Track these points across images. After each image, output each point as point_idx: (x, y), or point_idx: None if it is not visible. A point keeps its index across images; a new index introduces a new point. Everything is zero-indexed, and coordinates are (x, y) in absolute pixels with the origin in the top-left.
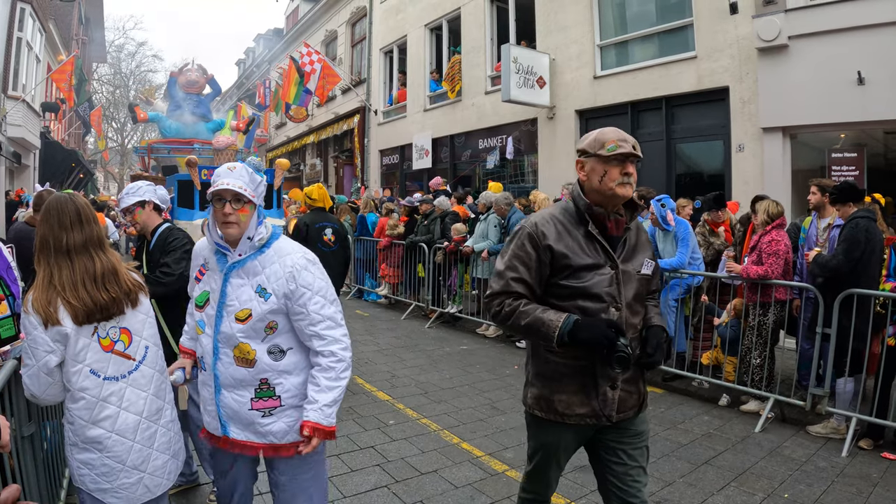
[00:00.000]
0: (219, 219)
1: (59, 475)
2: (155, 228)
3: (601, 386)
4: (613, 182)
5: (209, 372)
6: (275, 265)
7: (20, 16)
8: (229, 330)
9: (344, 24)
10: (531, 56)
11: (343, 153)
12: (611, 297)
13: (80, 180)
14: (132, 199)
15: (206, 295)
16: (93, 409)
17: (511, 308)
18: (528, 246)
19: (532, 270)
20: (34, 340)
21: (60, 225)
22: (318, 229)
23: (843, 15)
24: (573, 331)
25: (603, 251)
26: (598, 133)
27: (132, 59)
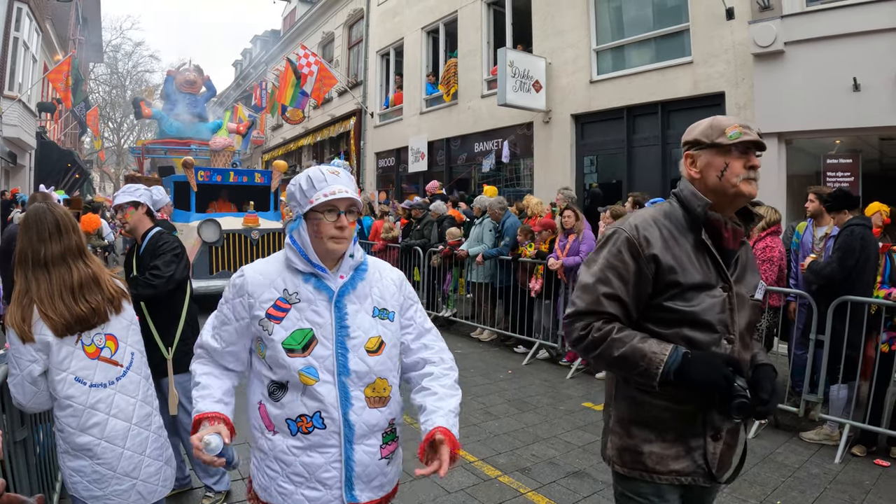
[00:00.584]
0: (327, 233)
1: (51, 479)
2: (145, 232)
3: (703, 436)
4: (737, 177)
5: (335, 427)
6: (383, 281)
7: (17, 15)
8: (362, 366)
9: (341, 27)
10: (527, 60)
11: (339, 155)
12: (723, 325)
13: (75, 180)
14: (127, 197)
15: (306, 334)
16: (80, 416)
17: (601, 334)
18: (626, 254)
19: (630, 286)
20: (17, 351)
21: (39, 237)
22: None
23: (839, 21)
24: (682, 368)
25: (715, 267)
26: (712, 120)
27: (129, 59)
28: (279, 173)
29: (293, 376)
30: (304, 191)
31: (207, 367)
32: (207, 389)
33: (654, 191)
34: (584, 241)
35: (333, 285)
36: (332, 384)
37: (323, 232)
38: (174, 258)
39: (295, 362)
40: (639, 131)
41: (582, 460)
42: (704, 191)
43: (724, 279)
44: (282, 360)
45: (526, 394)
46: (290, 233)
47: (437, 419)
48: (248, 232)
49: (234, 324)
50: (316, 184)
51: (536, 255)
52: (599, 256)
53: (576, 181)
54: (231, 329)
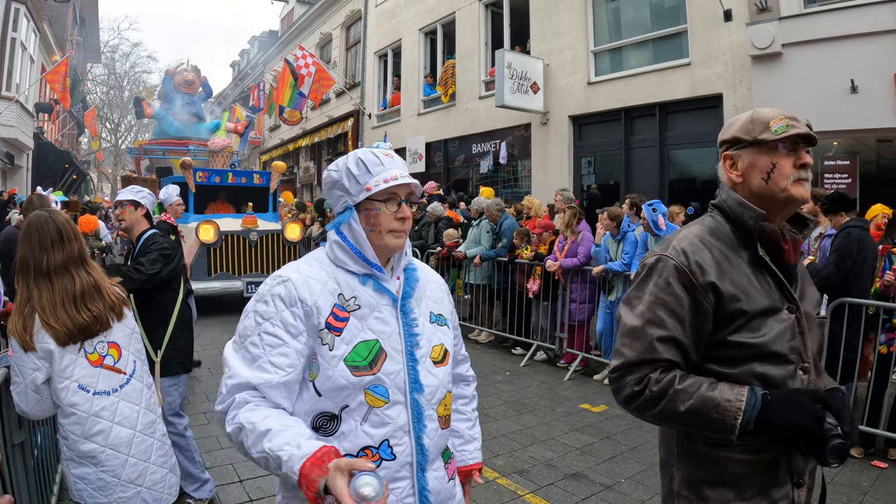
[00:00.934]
0: (387, 226)
1: (49, 482)
2: (141, 234)
3: (787, 484)
4: (786, 179)
5: (407, 455)
6: (430, 283)
7: (14, 16)
8: (432, 380)
9: (339, 28)
10: (525, 61)
11: (337, 156)
12: (796, 354)
13: (73, 181)
14: (129, 196)
15: (372, 346)
16: (84, 423)
17: (661, 387)
18: (676, 286)
19: (686, 324)
20: (20, 359)
21: (41, 246)
22: None
23: (837, 23)
24: (764, 414)
25: (777, 287)
26: (753, 113)
27: (126, 60)
28: (278, 174)
29: (355, 400)
30: (355, 176)
31: (262, 411)
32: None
33: (652, 192)
34: (582, 243)
35: (393, 287)
36: (404, 404)
37: (382, 224)
38: (161, 257)
39: (361, 381)
40: (636, 133)
41: (580, 462)
42: (749, 197)
43: (789, 299)
44: (343, 382)
45: (524, 395)
46: (336, 228)
47: (475, 453)
48: (246, 233)
49: (291, 343)
50: (371, 167)
51: (535, 256)
52: (644, 292)
53: (573, 182)
54: (286, 352)
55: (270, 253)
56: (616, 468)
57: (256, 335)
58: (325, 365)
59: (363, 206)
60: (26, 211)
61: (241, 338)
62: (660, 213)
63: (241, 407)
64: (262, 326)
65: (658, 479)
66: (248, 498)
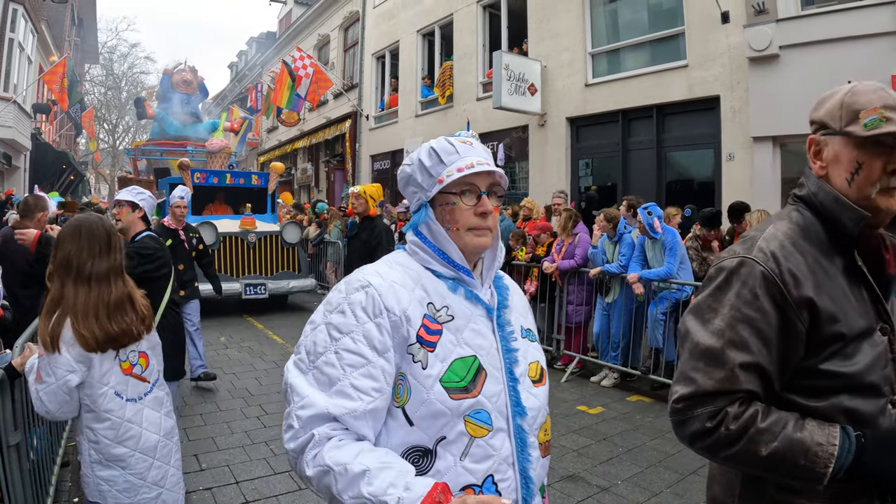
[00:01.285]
0: (465, 222)
1: (45, 484)
2: (135, 235)
3: None
4: (872, 186)
5: (512, 491)
6: (516, 295)
7: (12, 16)
8: (534, 402)
9: (336, 29)
10: (523, 63)
11: (334, 158)
12: (889, 385)
13: (70, 182)
14: (128, 196)
15: (470, 364)
16: (118, 429)
17: (740, 424)
18: (765, 300)
19: (772, 348)
20: (53, 360)
21: (90, 251)
22: None
23: (835, 25)
24: (858, 459)
25: (872, 302)
26: (847, 94)
27: (124, 61)
28: (276, 175)
29: (454, 430)
30: (427, 168)
31: (350, 447)
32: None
33: (649, 194)
34: (579, 245)
35: (485, 296)
36: (507, 432)
37: (459, 221)
38: (134, 255)
39: (460, 406)
40: (634, 135)
41: (576, 464)
42: None
43: (884, 318)
44: (440, 407)
45: None
46: (416, 228)
47: None
48: (244, 235)
49: (377, 361)
50: (444, 157)
51: (532, 258)
52: (722, 303)
53: (571, 184)
54: (371, 372)
55: (269, 254)
56: (613, 470)
57: (332, 353)
58: (417, 387)
59: (437, 200)
60: (23, 211)
61: (311, 356)
62: (655, 217)
63: (323, 444)
64: (339, 342)
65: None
66: (244, 499)
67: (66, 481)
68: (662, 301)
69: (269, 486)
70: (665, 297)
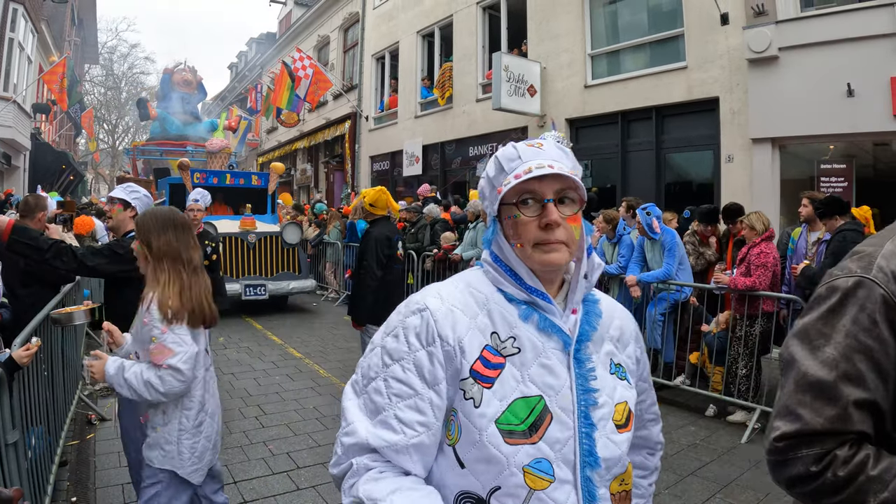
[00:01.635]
0: (529, 237)
1: (43, 482)
2: (125, 234)
3: None
4: None
5: None
6: (616, 320)
7: (12, 16)
8: (612, 451)
9: (336, 30)
10: (522, 64)
11: (334, 159)
12: None
13: (70, 182)
14: (121, 194)
15: (534, 405)
16: (204, 394)
17: (849, 472)
18: (884, 327)
19: (890, 382)
20: (180, 330)
21: (186, 244)
22: (395, 243)
23: (834, 27)
24: None
25: None
26: None
27: (124, 61)
28: (276, 175)
29: (510, 481)
30: (491, 179)
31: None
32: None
33: (648, 196)
34: None
35: (565, 325)
36: (572, 484)
37: (522, 235)
38: (110, 254)
39: (517, 454)
40: (633, 136)
41: None
42: None
43: None
44: (494, 452)
45: None
46: (488, 246)
47: None
48: (244, 235)
49: (426, 394)
50: (506, 164)
51: None
52: (835, 329)
53: None
54: (418, 405)
55: (269, 255)
56: None
57: (381, 380)
58: (469, 427)
59: (502, 213)
60: (24, 211)
61: (364, 379)
62: (654, 217)
63: (361, 475)
64: (389, 369)
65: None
66: (242, 499)
67: (64, 480)
68: (661, 302)
69: (267, 486)
70: (664, 298)
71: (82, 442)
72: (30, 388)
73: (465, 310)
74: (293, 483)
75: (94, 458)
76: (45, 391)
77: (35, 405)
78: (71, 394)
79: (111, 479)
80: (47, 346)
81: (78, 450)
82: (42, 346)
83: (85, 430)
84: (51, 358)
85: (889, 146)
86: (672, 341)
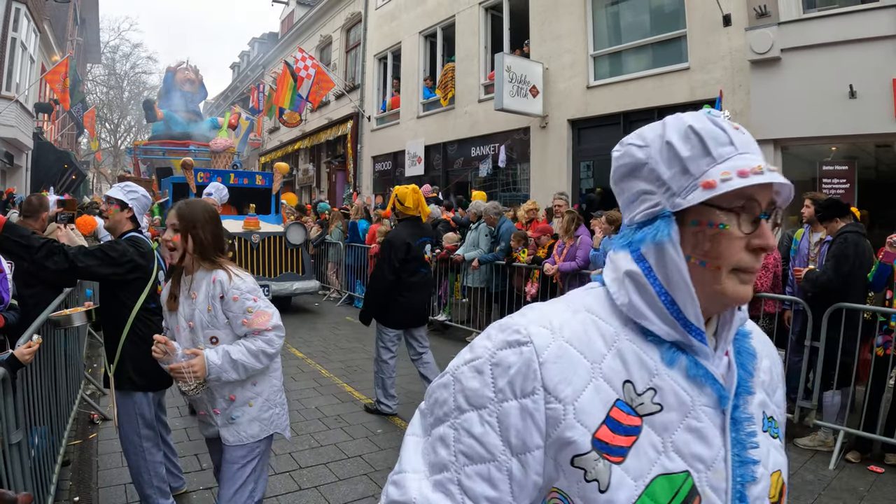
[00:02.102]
0: (732, 260)
1: (46, 482)
2: (121, 235)
3: None
4: None
5: None
6: (765, 359)
7: (15, 16)
8: None
9: (339, 30)
10: (524, 65)
11: (336, 158)
12: None
13: (72, 182)
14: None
15: (680, 485)
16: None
17: None
18: None
19: None
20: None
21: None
22: (420, 246)
23: (836, 29)
24: None
25: None
26: None
27: (127, 61)
28: (280, 175)
29: None
30: (681, 158)
31: None
32: None
33: None
34: (580, 247)
35: (718, 371)
36: None
37: (724, 255)
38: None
39: None
40: None
41: None
42: None
43: None
44: None
45: None
46: (634, 249)
47: None
48: (248, 235)
49: (505, 462)
50: (713, 146)
51: (532, 259)
52: None
53: (572, 186)
54: (492, 475)
55: (272, 255)
56: None
57: (451, 427)
58: None
59: (690, 215)
60: (27, 211)
61: (431, 416)
62: None
63: None
64: (463, 416)
65: None
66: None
67: (67, 480)
68: None
69: (270, 486)
70: None
71: (85, 441)
72: (33, 388)
73: (587, 349)
74: (295, 483)
75: (96, 457)
76: (48, 391)
77: (38, 405)
78: (73, 393)
79: (114, 479)
80: (50, 346)
81: (80, 449)
82: (44, 346)
83: (87, 429)
84: (53, 358)
85: (891, 148)
86: None
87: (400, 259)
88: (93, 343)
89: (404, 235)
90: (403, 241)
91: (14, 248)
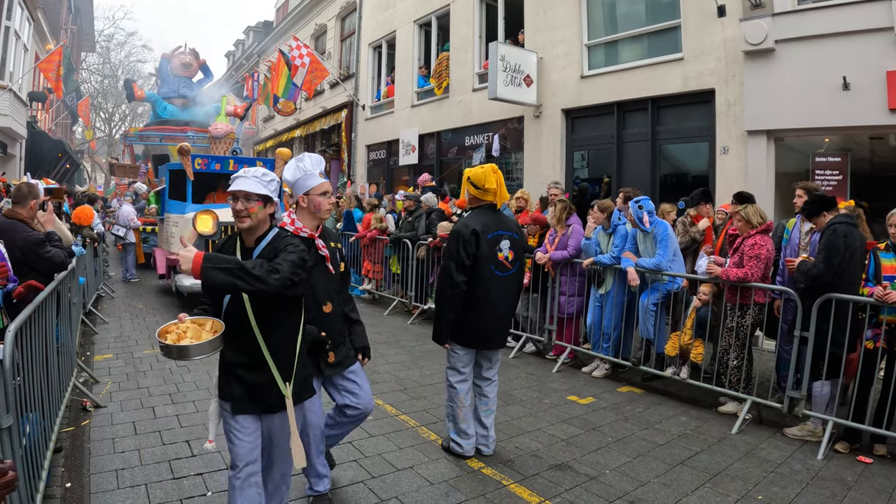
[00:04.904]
0: None
1: (38, 468)
2: (265, 232)
3: None
4: None
5: None
6: None
7: (8, 4)
8: None
9: (333, 19)
10: (519, 54)
11: (330, 147)
12: None
13: (66, 170)
14: (259, 188)
15: None
16: None
17: None
18: None
19: None
20: None
21: None
22: (492, 242)
23: (830, 20)
24: None
25: None
26: None
27: (121, 49)
28: (282, 161)
29: None
30: None
31: None
32: None
33: (643, 187)
34: (572, 236)
35: None
36: None
37: None
38: (298, 260)
39: None
40: (629, 127)
41: (565, 453)
42: None
43: None
44: None
45: (512, 387)
46: None
47: None
48: None
49: None
50: None
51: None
52: None
53: (566, 176)
54: None
55: None
56: (601, 459)
57: None
58: None
59: None
60: (16, 198)
61: None
62: (645, 211)
63: None
64: None
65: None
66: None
67: (59, 466)
68: (654, 292)
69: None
70: (657, 288)
71: (77, 428)
72: (25, 374)
73: None
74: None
75: (88, 444)
76: (40, 378)
77: (30, 392)
78: (66, 381)
79: (105, 465)
80: (41, 333)
81: (72, 436)
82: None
83: (80, 416)
84: (45, 345)
85: (884, 140)
86: (664, 332)
87: (471, 254)
88: (85, 331)
89: (475, 224)
90: (473, 230)
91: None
